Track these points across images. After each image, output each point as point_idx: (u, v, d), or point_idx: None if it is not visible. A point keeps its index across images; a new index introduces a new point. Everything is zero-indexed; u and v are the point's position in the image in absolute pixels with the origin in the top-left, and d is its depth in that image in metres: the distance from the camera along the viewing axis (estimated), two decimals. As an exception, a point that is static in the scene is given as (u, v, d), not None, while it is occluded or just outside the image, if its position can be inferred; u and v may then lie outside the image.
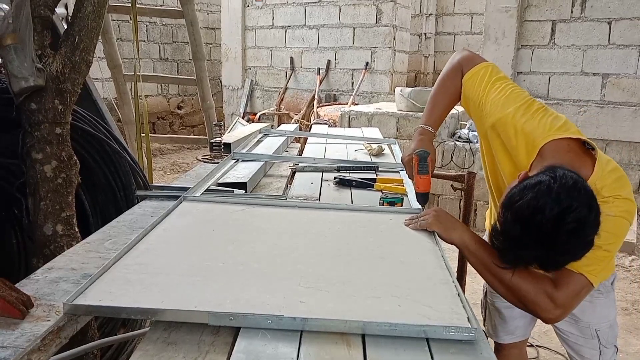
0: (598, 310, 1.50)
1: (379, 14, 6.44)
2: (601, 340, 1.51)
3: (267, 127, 3.00)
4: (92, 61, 1.85)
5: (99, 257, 1.20)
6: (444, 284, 1.06)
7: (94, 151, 2.21)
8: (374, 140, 2.68)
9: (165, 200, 1.67)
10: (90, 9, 1.78)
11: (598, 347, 1.52)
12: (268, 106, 7.42)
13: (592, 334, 1.51)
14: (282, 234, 1.33)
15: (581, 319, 1.51)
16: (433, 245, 1.28)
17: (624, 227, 1.26)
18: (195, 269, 1.08)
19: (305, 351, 0.84)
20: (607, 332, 1.52)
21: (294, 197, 1.70)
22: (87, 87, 2.54)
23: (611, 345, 1.53)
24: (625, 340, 2.85)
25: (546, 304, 1.22)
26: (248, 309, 0.91)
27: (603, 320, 1.51)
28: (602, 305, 1.50)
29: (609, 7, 5.05)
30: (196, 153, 6.97)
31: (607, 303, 1.51)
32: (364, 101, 6.57)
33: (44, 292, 1.02)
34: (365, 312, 0.93)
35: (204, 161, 2.33)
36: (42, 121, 1.74)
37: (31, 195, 1.79)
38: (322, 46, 6.93)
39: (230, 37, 7.59)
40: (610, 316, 1.53)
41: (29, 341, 0.84)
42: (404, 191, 1.76)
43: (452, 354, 0.86)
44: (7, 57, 1.66)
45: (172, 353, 0.83)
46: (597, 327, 1.51)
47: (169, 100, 8.75)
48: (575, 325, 1.53)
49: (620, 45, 5.07)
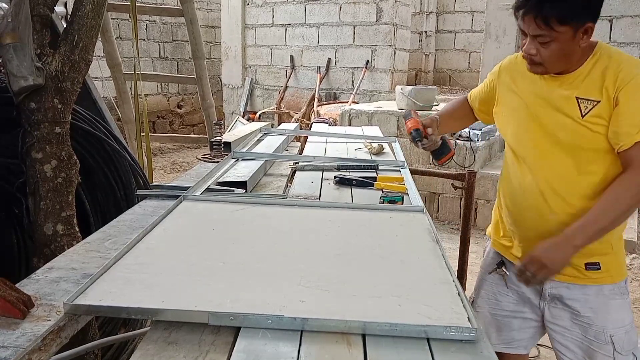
0: (613, 313, 1.43)
1: (380, 12, 6.44)
2: (616, 347, 1.43)
3: (267, 126, 3.00)
4: (91, 60, 1.85)
5: (99, 257, 1.20)
6: (444, 284, 1.06)
7: (94, 150, 2.21)
8: (374, 138, 2.68)
9: (165, 200, 1.67)
10: (90, 7, 1.78)
11: (612, 354, 1.43)
12: (268, 105, 7.42)
13: (607, 339, 1.43)
14: (282, 233, 1.33)
15: (595, 322, 1.44)
16: (433, 244, 1.28)
17: None
18: (196, 269, 1.08)
19: (305, 351, 0.84)
20: (623, 337, 1.43)
21: (294, 196, 1.70)
22: (87, 86, 2.54)
23: (628, 353, 1.44)
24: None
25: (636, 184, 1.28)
26: (248, 309, 0.91)
27: (618, 324, 1.44)
28: (617, 307, 1.44)
29: (610, 5, 5.04)
30: (196, 152, 6.97)
31: (623, 305, 1.45)
32: (364, 100, 6.57)
33: (44, 291, 1.02)
34: (365, 311, 0.93)
35: (204, 160, 2.32)
36: (42, 120, 1.74)
37: (31, 195, 1.79)
38: (322, 44, 6.92)
39: (230, 36, 7.59)
40: (626, 320, 1.45)
41: (29, 341, 0.84)
42: (405, 190, 1.76)
43: (452, 352, 0.86)
44: (6, 56, 1.66)
45: (173, 352, 0.83)
46: (612, 333, 1.43)
47: (168, 99, 8.75)
48: (589, 330, 1.44)
49: (621, 43, 5.06)
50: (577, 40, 1.28)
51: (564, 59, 1.32)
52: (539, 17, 1.25)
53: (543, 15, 1.24)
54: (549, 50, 1.29)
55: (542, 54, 1.31)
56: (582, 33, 1.27)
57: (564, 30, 1.25)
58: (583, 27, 1.26)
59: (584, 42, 1.29)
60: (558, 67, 1.34)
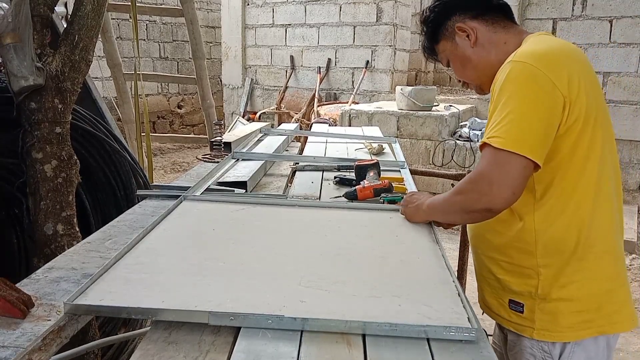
0: None
1: (380, 12, 6.44)
2: None
3: (267, 126, 3.00)
4: (91, 60, 1.85)
5: (99, 257, 1.20)
6: (444, 284, 1.06)
7: (94, 150, 2.21)
8: (374, 139, 2.68)
9: (165, 200, 1.67)
10: (90, 7, 1.78)
11: None
12: (268, 105, 7.42)
13: None
14: (282, 233, 1.33)
15: None
16: (433, 244, 1.28)
17: (516, 74, 1.08)
18: (196, 269, 1.08)
19: (305, 351, 0.84)
20: None
21: (294, 197, 1.70)
22: (87, 86, 2.54)
23: None
24: (625, 339, 2.85)
25: (468, 190, 1.12)
26: (248, 309, 0.91)
27: None
28: None
29: (610, 5, 5.04)
30: (196, 152, 6.97)
31: None
32: (364, 100, 6.57)
33: (44, 291, 1.02)
34: (365, 311, 0.93)
35: (204, 160, 2.32)
36: (42, 120, 1.74)
37: (31, 195, 1.79)
38: (322, 45, 6.93)
39: (231, 36, 7.59)
40: None
41: (29, 341, 0.84)
42: (405, 190, 1.76)
43: (452, 352, 0.86)
44: (6, 56, 1.66)
45: (173, 352, 0.83)
46: None
47: (169, 99, 8.75)
48: None
49: (621, 44, 5.06)
50: (462, 45, 1.25)
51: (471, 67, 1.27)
52: (426, 53, 1.39)
53: (427, 50, 1.37)
54: (454, 66, 1.31)
55: (457, 73, 1.33)
56: (461, 37, 1.25)
57: (444, 46, 1.30)
58: (450, 30, 1.26)
59: (473, 43, 1.24)
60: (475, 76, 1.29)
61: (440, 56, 1.34)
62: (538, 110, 1.06)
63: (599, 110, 1.13)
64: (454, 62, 1.31)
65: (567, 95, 1.07)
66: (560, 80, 1.07)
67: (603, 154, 1.14)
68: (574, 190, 1.12)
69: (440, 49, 1.32)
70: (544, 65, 1.07)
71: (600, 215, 1.14)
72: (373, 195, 1.61)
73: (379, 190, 1.61)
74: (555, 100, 1.06)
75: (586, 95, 1.09)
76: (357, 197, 1.61)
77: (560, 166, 1.11)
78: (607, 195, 1.16)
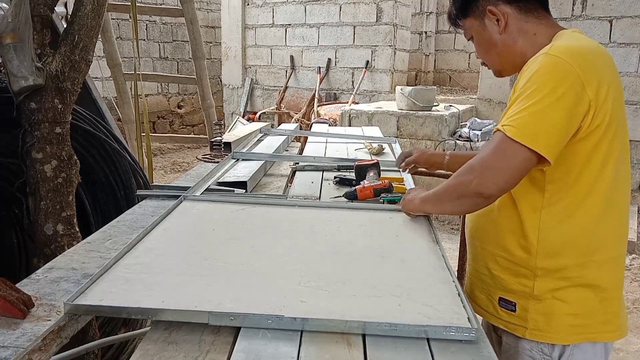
0: None
1: (380, 12, 6.44)
2: None
3: (267, 126, 3.00)
4: (91, 60, 1.85)
5: (99, 257, 1.20)
6: (444, 284, 1.06)
7: (94, 150, 2.21)
8: (374, 139, 2.68)
9: (165, 200, 1.67)
10: (90, 7, 1.78)
11: None
12: (268, 105, 7.42)
13: None
14: (282, 233, 1.33)
15: None
16: (433, 244, 1.28)
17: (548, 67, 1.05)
18: (196, 269, 1.08)
19: (305, 351, 0.84)
20: None
21: (294, 197, 1.70)
22: (87, 86, 2.54)
23: None
24: (625, 339, 2.85)
25: (463, 173, 1.11)
26: (248, 309, 0.91)
27: None
28: None
29: (610, 6, 5.04)
30: (196, 152, 6.97)
31: None
32: (364, 100, 6.57)
33: (44, 291, 1.02)
34: (365, 311, 0.93)
35: (204, 160, 2.32)
36: (42, 120, 1.74)
37: (31, 195, 1.79)
38: (322, 45, 6.93)
39: (230, 36, 7.59)
40: None
41: (29, 341, 0.84)
42: (405, 190, 1.76)
43: (452, 352, 0.86)
44: (6, 56, 1.66)
45: (173, 352, 0.83)
46: None
47: (169, 99, 8.75)
48: None
49: (621, 44, 5.06)
50: (490, 29, 1.21)
51: (495, 53, 1.24)
52: (451, 21, 1.32)
53: (452, 19, 1.31)
54: (477, 46, 1.28)
55: (479, 54, 1.30)
56: (491, 20, 1.20)
57: (470, 23, 1.25)
58: (482, 9, 1.20)
59: (502, 29, 1.19)
60: (497, 62, 1.26)
61: (465, 31, 1.29)
62: (562, 107, 1.03)
63: (620, 120, 1.13)
64: (478, 44, 1.27)
65: (594, 99, 1.05)
66: (590, 82, 1.05)
67: (618, 164, 1.13)
68: (586, 197, 1.11)
69: (467, 24, 1.26)
70: (578, 64, 1.05)
71: (607, 224, 1.14)
72: (373, 195, 1.61)
73: (379, 190, 1.61)
74: (581, 101, 1.05)
75: (612, 103, 1.08)
76: (357, 197, 1.61)
77: (575, 169, 1.10)
78: (616, 205, 1.15)
